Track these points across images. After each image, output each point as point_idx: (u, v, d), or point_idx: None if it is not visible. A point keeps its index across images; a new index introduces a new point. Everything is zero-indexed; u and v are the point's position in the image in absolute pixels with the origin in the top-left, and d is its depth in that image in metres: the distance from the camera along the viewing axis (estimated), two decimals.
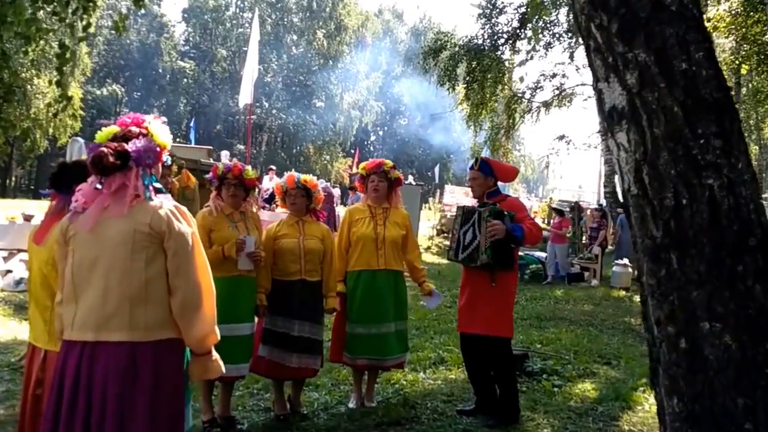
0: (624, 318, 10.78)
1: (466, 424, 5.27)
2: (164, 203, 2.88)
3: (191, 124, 29.30)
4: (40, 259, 3.39)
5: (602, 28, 2.23)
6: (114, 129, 2.94)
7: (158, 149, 2.92)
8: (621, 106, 2.22)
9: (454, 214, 5.76)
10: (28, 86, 30.43)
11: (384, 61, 58.17)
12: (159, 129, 2.98)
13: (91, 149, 2.84)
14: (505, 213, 5.20)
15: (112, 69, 49.83)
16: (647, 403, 5.97)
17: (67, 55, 6.72)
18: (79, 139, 6.32)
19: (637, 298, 12.89)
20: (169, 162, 3.27)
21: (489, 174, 5.52)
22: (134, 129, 2.92)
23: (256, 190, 5.68)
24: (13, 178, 45.67)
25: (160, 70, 50.38)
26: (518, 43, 23.14)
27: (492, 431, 5.14)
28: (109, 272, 2.78)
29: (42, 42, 7.04)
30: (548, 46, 23.53)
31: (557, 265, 15.15)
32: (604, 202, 22.33)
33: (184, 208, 2.93)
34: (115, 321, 2.76)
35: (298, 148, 52.65)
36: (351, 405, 5.68)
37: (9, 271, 9.99)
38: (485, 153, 25.92)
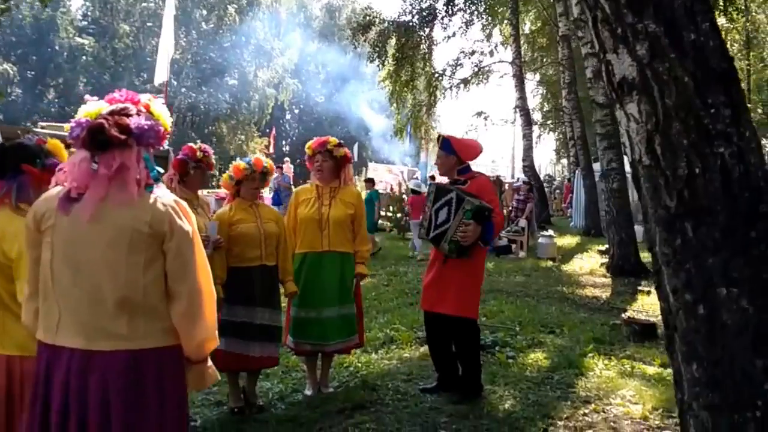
0: (556, 287, 11.08)
1: (432, 402, 5.26)
2: (164, 197, 2.59)
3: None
4: None
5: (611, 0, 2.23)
6: (102, 106, 2.61)
7: (162, 130, 2.63)
8: (631, 77, 2.22)
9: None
10: None
11: (299, 37, 56.73)
12: (162, 109, 2.70)
13: (77, 124, 2.54)
14: (487, 212, 5.10)
15: (2, 46, 46.37)
16: (597, 369, 6.18)
17: None
18: None
19: (564, 268, 13.34)
20: None
21: (450, 152, 5.44)
22: (131, 106, 2.61)
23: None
24: None
25: (57, 47, 46.52)
26: (444, 20, 23.20)
27: (458, 407, 5.13)
28: (101, 274, 2.49)
29: None
30: (468, 24, 23.73)
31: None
32: (522, 176, 22.81)
33: (183, 203, 2.66)
34: (110, 328, 2.48)
35: (210, 128, 50.38)
36: (307, 392, 5.57)
37: None
38: (408, 130, 26.25)
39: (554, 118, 34.51)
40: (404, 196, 19.08)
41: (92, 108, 2.59)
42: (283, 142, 59.83)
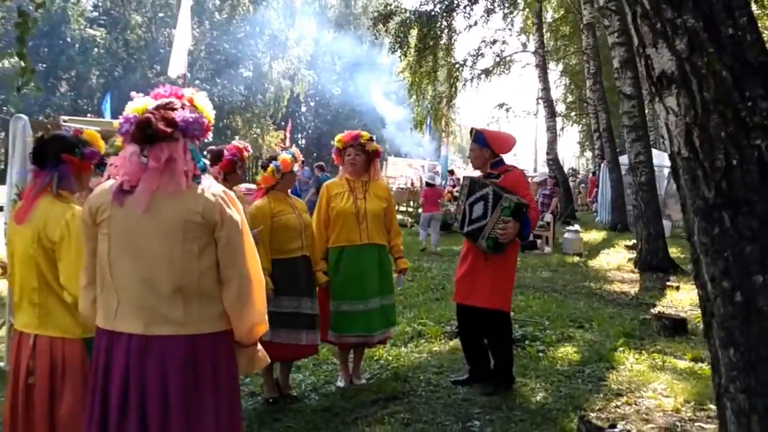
0: (583, 283, 11.02)
1: (464, 394, 5.33)
2: (213, 187, 2.70)
3: (105, 98, 27.04)
4: (24, 238, 3.22)
5: None
6: (148, 102, 2.73)
7: (206, 122, 2.76)
8: (671, 71, 2.27)
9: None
10: None
11: (314, 27, 55.66)
12: (204, 102, 2.82)
13: (126, 120, 2.65)
14: (525, 208, 5.12)
15: (13, 38, 45.05)
16: (628, 362, 6.18)
17: (29, 24, 6.46)
18: (23, 116, 6.09)
19: (591, 263, 13.28)
20: None
21: (484, 145, 5.47)
22: (175, 100, 2.72)
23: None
24: None
25: (68, 39, 45.70)
26: (466, 9, 23.02)
27: (491, 398, 5.20)
28: (157, 262, 2.60)
29: None
30: (490, 11, 23.53)
31: None
32: (546, 169, 22.73)
33: (231, 193, 2.77)
34: (167, 314, 2.60)
35: (225, 121, 49.39)
36: (340, 384, 5.66)
37: None
38: (428, 123, 26.01)
39: (578, 110, 34.06)
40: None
41: (139, 104, 2.71)
42: (299, 135, 59.33)
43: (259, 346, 2.88)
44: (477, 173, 5.78)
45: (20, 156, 5.91)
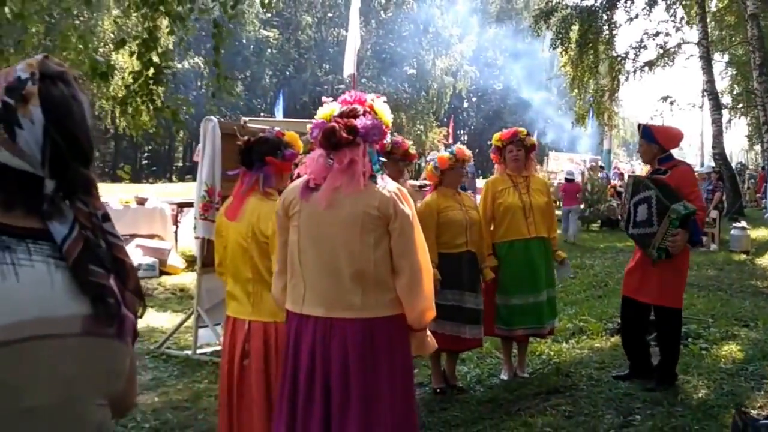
0: (750, 281, 10.69)
1: (625, 389, 5.46)
2: (388, 185, 2.94)
3: (279, 97, 27.86)
4: (238, 233, 3.56)
5: None
6: (335, 107, 3.01)
7: (384, 127, 2.99)
8: None
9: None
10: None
11: (476, 22, 55.60)
12: (383, 107, 3.06)
13: (315, 126, 2.96)
14: (692, 215, 5.12)
15: (192, 41, 47.25)
16: None
17: (223, 35, 6.95)
18: (213, 118, 6.50)
19: (759, 261, 12.74)
20: None
21: (651, 140, 5.52)
22: (358, 107, 2.98)
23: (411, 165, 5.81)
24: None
25: (244, 41, 47.49)
26: (627, 2, 22.53)
27: (652, 394, 5.30)
28: (339, 252, 2.87)
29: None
30: (652, 3, 22.91)
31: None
32: (712, 163, 21.78)
33: (404, 190, 3.01)
34: (348, 300, 2.86)
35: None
36: (503, 377, 5.85)
37: None
38: (590, 117, 25.55)
39: (745, 102, 32.21)
40: (588, 185, 18.92)
41: (327, 110, 3.05)
42: (461, 131, 59.23)
43: (428, 332, 3.18)
44: (643, 168, 5.82)
45: (210, 155, 6.24)
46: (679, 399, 5.25)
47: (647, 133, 5.58)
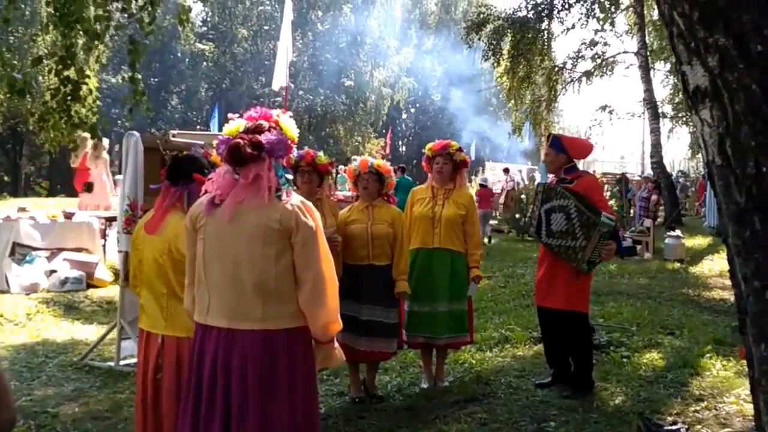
0: (681, 290, 10.76)
1: (543, 396, 5.46)
2: (292, 199, 3.02)
3: (214, 110, 27.64)
4: (154, 248, 3.57)
5: (684, 16, 2.44)
6: (241, 123, 3.08)
7: (289, 142, 3.07)
8: (704, 86, 2.42)
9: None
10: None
11: (414, 34, 55.69)
12: (288, 122, 3.13)
13: (221, 143, 3.02)
14: (617, 230, 5.27)
15: (127, 55, 45.69)
16: (714, 369, 6.12)
17: (140, 51, 6.91)
18: (135, 133, 6.52)
19: (692, 270, 12.93)
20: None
21: (560, 150, 5.59)
22: (264, 123, 3.06)
23: (329, 176, 5.88)
24: (22, 176, 42.03)
25: (179, 54, 47.11)
26: (561, 13, 22.76)
27: (568, 401, 5.30)
28: (241, 264, 2.94)
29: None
30: (588, 15, 23.14)
31: None
32: (651, 172, 22.07)
33: (309, 204, 3.07)
34: (248, 312, 2.93)
35: (328, 130, 50.20)
36: (424, 385, 5.86)
37: (53, 271, 9.84)
38: (527, 127, 25.71)
39: (687, 111, 32.73)
40: (522, 195, 19.14)
41: (233, 126, 3.09)
42: (400, 143, 59.43)
43: (336, 344, 3.17)
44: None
45: (132, 170, 6.30)
46: (595, 406, 5.25)
47: (557, 143, 5.67)
